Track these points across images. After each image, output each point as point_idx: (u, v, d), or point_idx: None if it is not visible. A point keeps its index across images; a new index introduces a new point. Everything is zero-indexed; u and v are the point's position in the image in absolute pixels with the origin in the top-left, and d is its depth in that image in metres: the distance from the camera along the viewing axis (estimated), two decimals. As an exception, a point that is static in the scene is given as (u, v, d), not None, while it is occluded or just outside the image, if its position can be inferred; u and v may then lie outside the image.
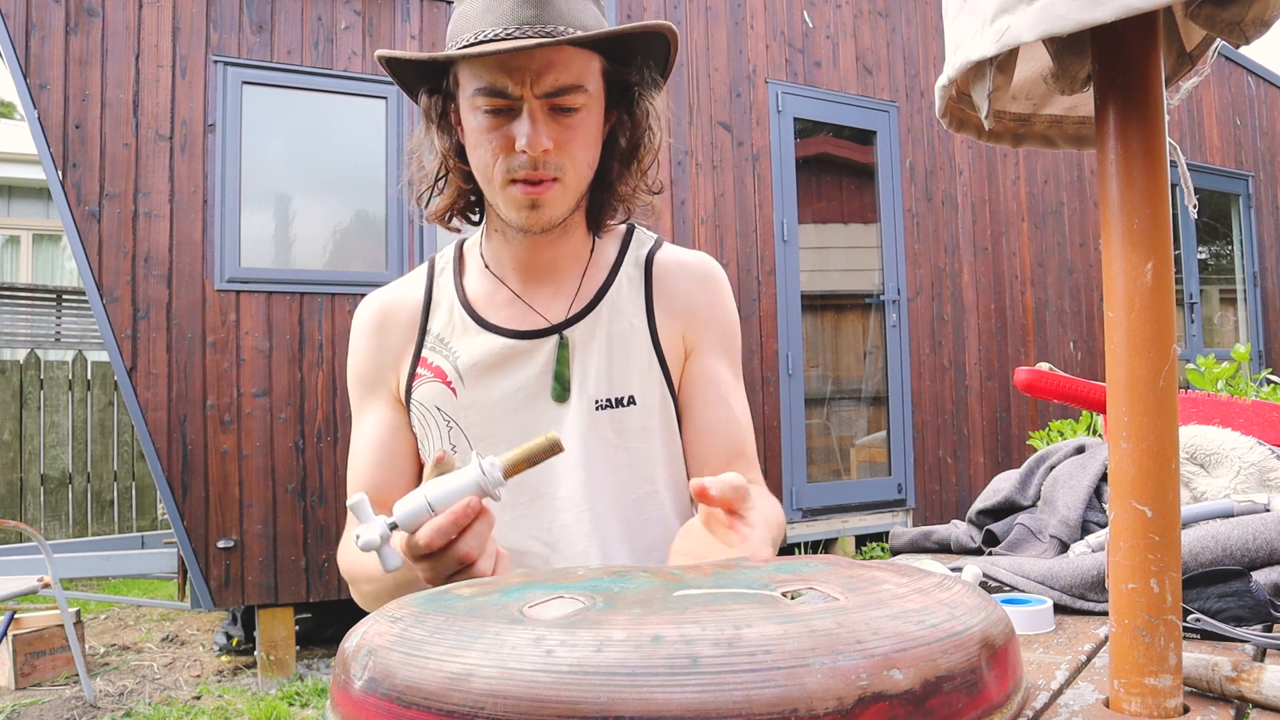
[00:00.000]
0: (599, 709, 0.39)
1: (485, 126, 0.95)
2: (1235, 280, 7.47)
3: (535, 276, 1.06)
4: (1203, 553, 0.81)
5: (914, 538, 1.23)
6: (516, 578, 0.58)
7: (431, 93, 1.02)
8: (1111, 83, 0.54)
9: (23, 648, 3.69)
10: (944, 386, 5.61)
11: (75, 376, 6.39)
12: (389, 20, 4.21)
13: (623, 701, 0.39)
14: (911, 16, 5.73)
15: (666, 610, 0.44)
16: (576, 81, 0.94)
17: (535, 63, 0.92)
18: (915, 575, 0.53)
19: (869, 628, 0.42)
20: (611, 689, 0.39)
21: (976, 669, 0.44)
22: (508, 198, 0.97)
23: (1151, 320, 0.52)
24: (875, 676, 0.40)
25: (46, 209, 8.67)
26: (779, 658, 0.40)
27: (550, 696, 0.39)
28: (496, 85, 0.93)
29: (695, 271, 1.10)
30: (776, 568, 0.56)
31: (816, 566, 0.55)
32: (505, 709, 0.40)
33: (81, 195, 3.58)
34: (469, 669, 0.41)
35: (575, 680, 0.40)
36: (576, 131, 0.96)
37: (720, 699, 0.38)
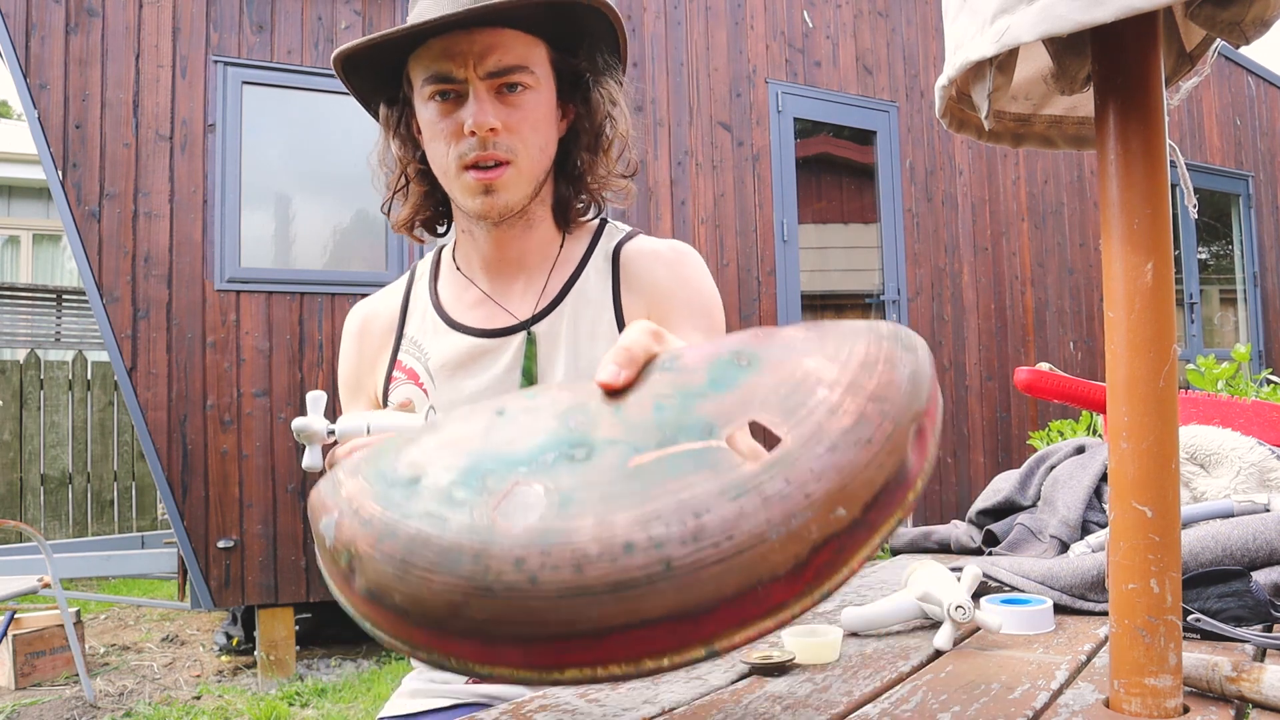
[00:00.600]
0: (593, 623, 0.42)
1: (436, 116, 0.97)
2: (1235, 280, 7.47)
3: (503, 274, 1.06)
4: (1203, 553, 0.81)
5: (914, 538, 1.24)
6: (466, 430, 0.54)
7: (390, 103, 1.05)
8: (1111, 83, 0.54)
9: (23, 648, 3.69)
10: (944, 386, 5.61)
11: (75, 376, 6.39)
12: (389, 20, 4.21)
13: (612, 614, 0.42)
14: (911, 16, 5.73)
15: (627, 500, 0.45)
16: (520, 63, 0.96)
17: (477, 45, 0.94)
18: (841, 349, 0.51)
19: (813, 473, 0.45)
20: (599, 605, 0.43)
21: (904, 462, 0.47)
22: (462, 184, 0.97)
23: (1151, 320, 0.52)
24: (824, 523, 0.44)
25: (46, 209, 8.67)
26: (741, 541, 0.43)
27: (547, 618, 0.43)
28: (441, 71, 0.95)
29: (664, 257, 1.08)
30: (711, 381, 0.53)
31: (747, 368, 0.53)
32: (508, 631, 0.43)
33: (81, 195, 3.58)
34: (464, 599, 0.44)
35: (567, 603, 0.43)
36: (525, 113, 0.97)
37: (696, 595, 0.43)
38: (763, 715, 0.59)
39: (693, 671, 0.70)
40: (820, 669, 0.69)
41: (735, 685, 0.66)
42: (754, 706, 0.61)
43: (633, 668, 0.44)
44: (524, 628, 0.43)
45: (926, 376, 0.51)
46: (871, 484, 0.46)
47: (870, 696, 0.62)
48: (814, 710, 0.59)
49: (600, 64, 1.03)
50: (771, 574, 0.43)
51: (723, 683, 0.67)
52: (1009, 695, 0.61)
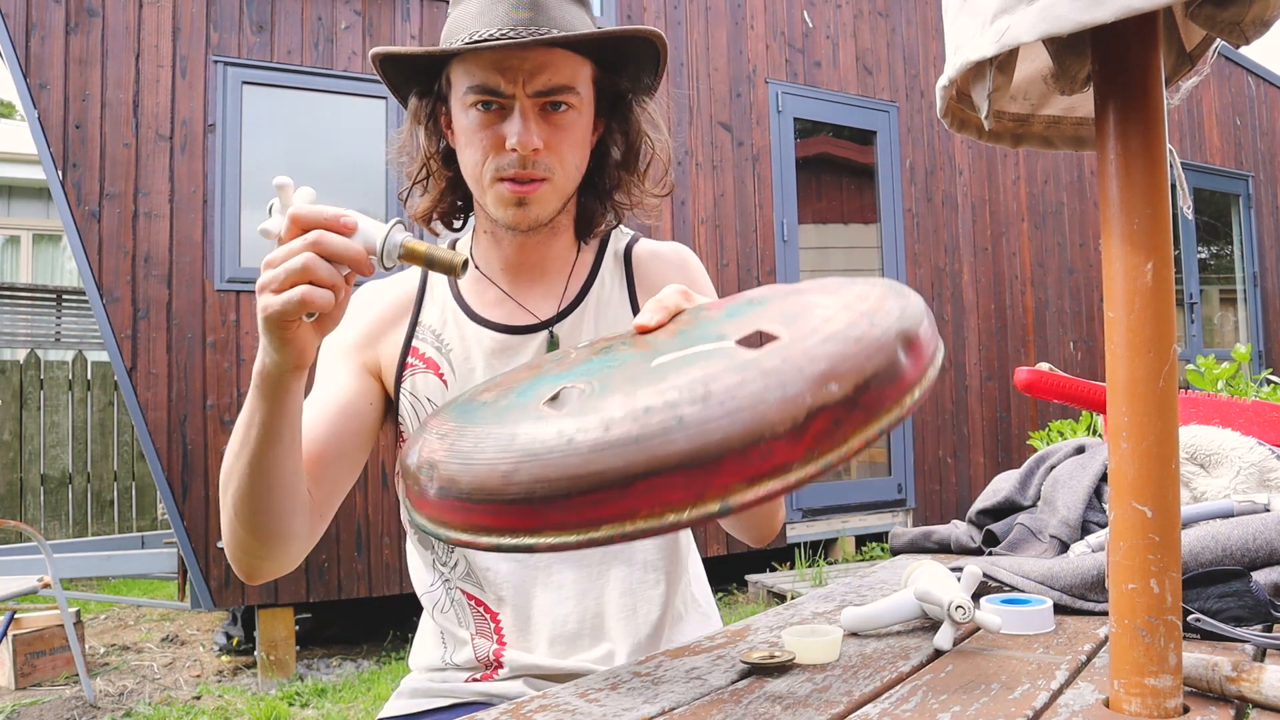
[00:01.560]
0: (620, 472, 0.51)
1: (477, 125, 0.97)
2: (1235, 280, 7.47)
3: (524, 278, 1.07)
4: (1203, 553, 0.81)
5: (914, 538, 1.24)
6: (524, 374, 0.70)
7: (422, 95, 1.04)
8: (1111, 83, 0.54)
9: (23, 648, 3.69)
10: (944, 386, 5.61)
11: (75, 376, 6.39)
12: (389, 20, 4.21)
13: (635, 463, 0.51)
14: (911, 16, 5.73)
15: (649, 383, 0.55)
16: (568, 83, 0.96)
17: (528, 63, 0.94)
18: (842, 291, 0.62)
19: (806, 354, 0.53)
20: (624, 456, 0.51)
21: (895, 362, 0.55)
22: (496, 195, 0.98)
23: (1151, 320, 0.53)
24: (817, 394, 0.52)
25: (46, 209, 8.67)
26: (743, 401, 0.51)
27: (581, 471, 0.52)
28: (489, 84, 0.95)
29: (671, 259, 1.13)
30: (727, 313, 0.66)
31: (757, 305, 0.65)
32: (550, 489, 0.52)
33: (81, 195, 3.58)
34: (514, 466, 0.54)
35: (597, 456, 0.51)
36: (567, 133, 0.97)
37: (705, 445, 0.50)
38: (763, 715, 0.59)
39: (693, 671, 0.71)
40: (820, 669, 0.69)
41: (735, 685, 0.66)
42: (754, 706, 0.61)
43: (656, 521, 0.51)
44: (563, 484, 0.52)
45: (917, 309, 0.60)
46: (861, 370, 0.53)
47: (870, 696, 0.62)
48: (814, 710, 0.59)
49: (642, 85, 1.05)
50: (772, 432, 0.51)
51: (723, 683, 0.67)
52: (1009, 695, 0.61)
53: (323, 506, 0.95)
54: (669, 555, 1.08)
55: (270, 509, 0.85)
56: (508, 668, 1.01)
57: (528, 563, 1.03)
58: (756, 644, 0.78)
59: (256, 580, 0.92)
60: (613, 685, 0.68)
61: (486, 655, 1.02)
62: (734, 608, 4.55)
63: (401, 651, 4.02)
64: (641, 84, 1.04)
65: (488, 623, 1.03)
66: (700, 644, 0.79)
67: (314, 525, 0.93)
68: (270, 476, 0.83)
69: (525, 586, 1.02)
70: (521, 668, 1.01)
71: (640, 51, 1.01)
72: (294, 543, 0.89)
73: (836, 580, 3.66)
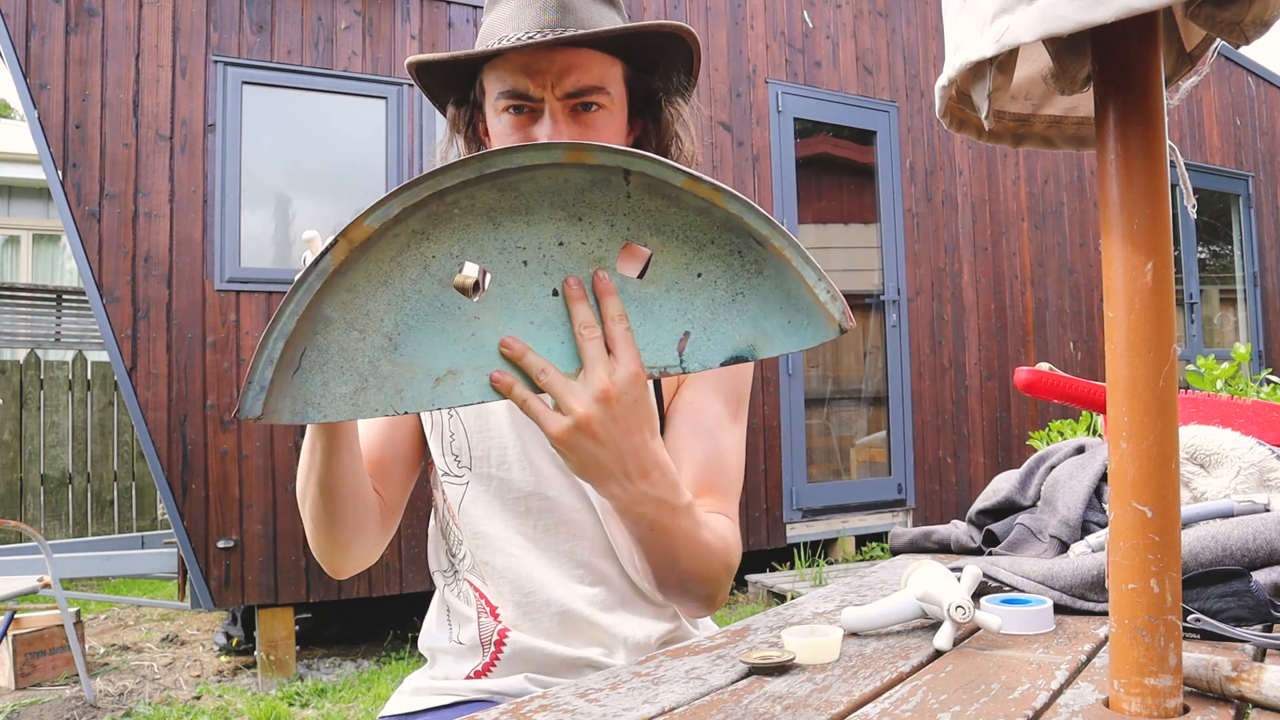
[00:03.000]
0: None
1: (508, 129, 0.98)
2: (1235, 280, 7.47)
3: None
4: (1203, 553, 0.81)
5: (914, 538, 1.24)
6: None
7: (459, 104, 1.05)
8: (1111, 83, 0.54)
9: (23, 648, 3.69)
10: (944, 386, 5.61)
11: (75, 376, 6.39)
12: (389, 20, 4.21)
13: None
14: (911, 16, 5.73)
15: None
16: (597, 84, 0.96)
17: (556, 65, 0.94)
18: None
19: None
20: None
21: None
22: None
23: (1151, 320, 0.52)
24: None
25: (46, 209, 8.67)
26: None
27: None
28: (519, 88, 0.95)
29: None
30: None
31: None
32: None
33: (81, 195, 3.58)
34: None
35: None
36: (598, 133, 0.98)
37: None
38: (763, 715, 0.59)
39: (693, 671, 0.71)
40: (820, 669, 0.69)
41: (735, 685, 0.66)
42: (754, 706, 0.61)
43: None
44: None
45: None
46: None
47: (870, 696, 0.62)
48: (814, 710, 0.59)
49: (674, 84, 1.04)
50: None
51: (723, 683, 0.67)
52: (1009, 695, 0.61)
53: (394, 505, 1.05)
54: None
55: (343, 517, 0.94)
56: (510, 647, 1.01)
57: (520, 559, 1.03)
58: (756, 644, 0.78)
59: (343, 575, 1.02)
60: (613, 685, 0.68)
61: (492, 634, 1.03)
62: (734, 608, 4.55)
63: (401, 651, 4.02)
64: (674, 83, 1.04)
65: (487, 612, 1.04)
66: (700, 644, 0.79)
67: (387, 523, 1.03)
68: (338, 492, 0.91)
69: (522, 582, 1.02)
70: (524, 650, 1.01)
71: (671, 50, 1.00)
72: (370, 541, 0.99)
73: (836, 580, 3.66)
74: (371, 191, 4.16)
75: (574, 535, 1.03)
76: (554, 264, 0.72)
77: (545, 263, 0.71)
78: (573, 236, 0.71)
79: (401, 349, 0.70)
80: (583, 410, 0.72)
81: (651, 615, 1.05)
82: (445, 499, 1.07)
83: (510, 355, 0.71)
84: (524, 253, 0.71)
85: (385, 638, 4.25)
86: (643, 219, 0.71)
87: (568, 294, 0.72)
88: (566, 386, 0.72)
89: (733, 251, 0.72)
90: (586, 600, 1.02)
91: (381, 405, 0.71)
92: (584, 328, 0.71)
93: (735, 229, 0.72)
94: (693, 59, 1.02)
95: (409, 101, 4.20)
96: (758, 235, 0.70)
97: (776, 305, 0.73)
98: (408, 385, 0.71)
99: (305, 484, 0.93)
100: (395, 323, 0.70)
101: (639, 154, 0.68)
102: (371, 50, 4.16)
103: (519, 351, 0.71)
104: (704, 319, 0.73)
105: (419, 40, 4.26)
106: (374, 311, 0.69)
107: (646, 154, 0.68)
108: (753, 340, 0.74)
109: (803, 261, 0.71)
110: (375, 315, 0.69)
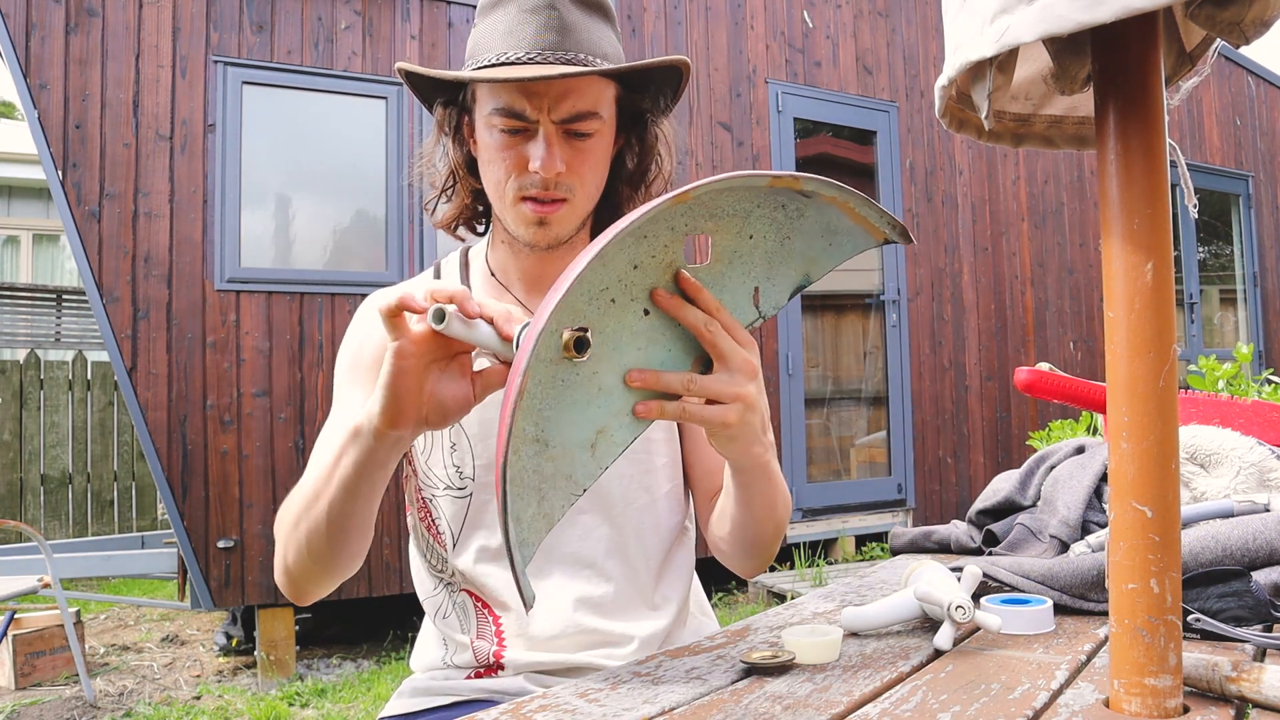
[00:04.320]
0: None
1: (500, 145, 0.98)
2: (1235, 280, 7.47)
3: (539, 288, 1.08)
4: (1203, 553, 0.81)
5: (914, 538, 1.24)
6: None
7: (447, 104, 1.05)
8: (1111, 83, 0.54)
9: (23, 648, 3.69)
10: (944, 386, 5.61)
11: (75, 376, 6.39)
12: (389, 20, 4.21)
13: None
14: (911, 16, 5.73)
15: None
16: (592, 108, 0.97)
17: (554, 89, 0.95)
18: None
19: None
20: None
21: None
22: (517, 214, 0.99)
23: (1151, 320, 0.52)
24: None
25: (46, 209, 8.67)
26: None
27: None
28: (514, 108, 0.95)
29: None
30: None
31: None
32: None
33: (81, 195, 3.58)
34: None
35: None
36: (588, 155, 0.99)
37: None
38: (763, 715, 0.59)
39: (693, 671, 0.71)
40: (820, 669, 0.69)
41: (735, 685, 0.66)
42: (754, 706, 0.61)
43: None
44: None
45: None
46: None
47: (870, 696, 0.62)
48: (814, 710, 0.59)
49: (661, 105, 1.06)
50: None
51: (723, 683, 0.67)
52: (1009, 695, 0.61)
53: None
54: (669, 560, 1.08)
55: (351, 545, 0.90)
56: (509, 669, 1.01)
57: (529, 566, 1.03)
58: (756, 644, 0.78)
59: (307, 601, 0.98)
60: (613, 685, 0.68)
61: (486, 657, 1.02)
62: (734, 608, 4.55)
63: (401, 652, 4.02)
64: (660, 104, 1.06)
65: (489, 624, 1.03)
66: (700, 644, 0.79)
67: (366, 545, 0.98)
68: (357, 518, 0.87)
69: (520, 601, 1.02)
70: (523, 665, 1.01)
71: (664, 74, 1.02)
72: (353, 566, 0.94)
73: (836, 580, 3.66)
74: (371, 191, 4.17)
75: (581, 536, 1.03)
76: (635, 288, 0.73)
77: (629, 290, 0.73)
78: (643, 255, 0.72)
79: (551, 443, 0.70)
80: (748, 391, 0.76)
81: (652, 615, 1.05)
82: (432, 516, 1.06)
83: (645, 386, 0.73)
84: (608, 292, 0.71)
85: (385, 638, 4.25)
86: (697, 210, 0.73)
87: (666, 306, 0.74)
88: (723, 380, 0.76)
89: (777, 207, 0.77)
90: (591, 604, 1.02)
91: (563, 501, 0.71)
92: (704, 326, 0.75)
93: (777, 190, 0.76)
94: (680, 83, 1.04)
95: (409, 102, 4.20)
96: (808, 192, 0.76)
97: (818, 235, 0.80)
98: (573, 468, 0.71)
99: (320, 507, 0.88)
100: (535, 424, 0.69)
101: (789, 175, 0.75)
102: (371, 50, 4.15)
103: (652, 380, 0.74)
104: (764, 271, 0.80)
105: (419, 40, 4.26)
106: (517, 429, 0.68)
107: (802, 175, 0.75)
108: (805, 270, 0.81)
109: (863, 204, 0.78)
110: (519, 431, 0.68)
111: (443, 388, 0.76)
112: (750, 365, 0.78)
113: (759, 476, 0.88)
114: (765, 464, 0.87)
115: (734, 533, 0.97)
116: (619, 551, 1.03)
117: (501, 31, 0.96)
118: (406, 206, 4.17)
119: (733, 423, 0.76)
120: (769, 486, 0.90)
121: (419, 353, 0.74)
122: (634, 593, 1.04)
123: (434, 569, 1.08)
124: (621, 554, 1.04)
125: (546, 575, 1.02)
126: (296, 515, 0.91)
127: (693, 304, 0.75)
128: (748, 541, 0.97)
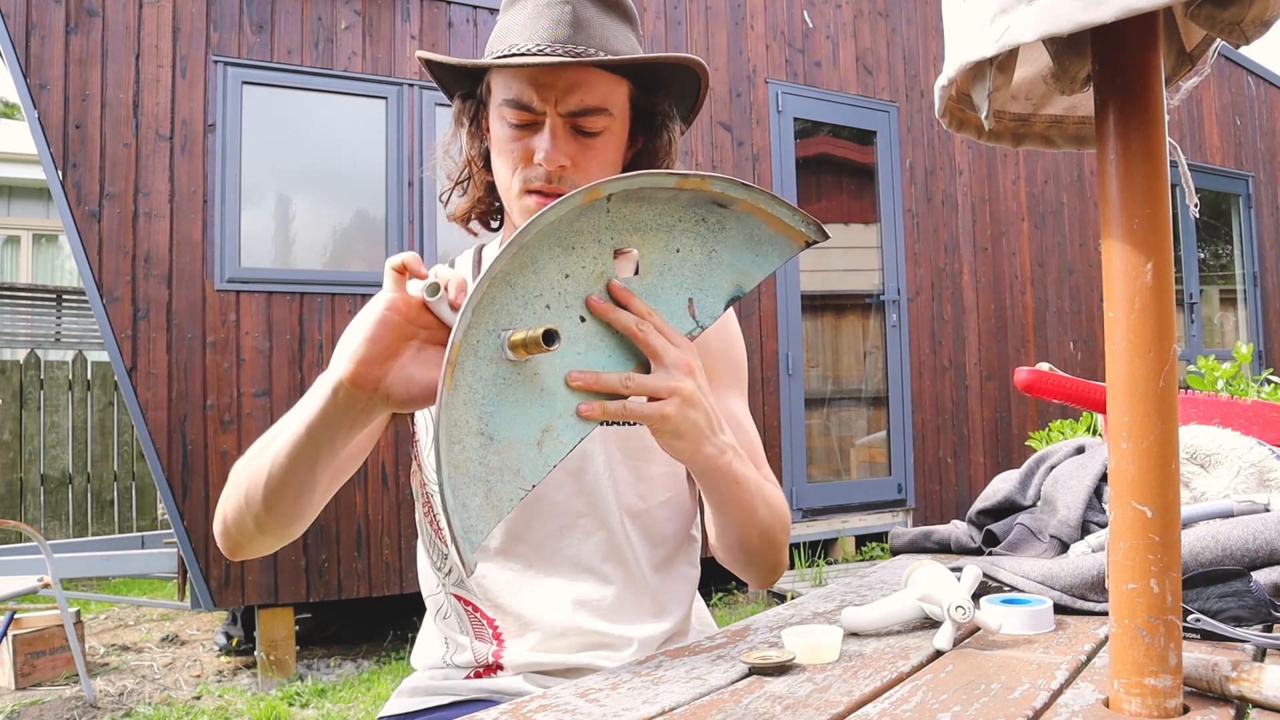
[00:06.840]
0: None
1: (509, 137, 0.99)
2: (1235, 280, 7.47)
3: None
4: (1203, 553, 0.81)
5: (914, 538, 1.24)
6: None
7: (465, 97, 1.06)
8: (1111, 83, 0.54)
9: (23, 648, 3.69)
10: (944, 386, 5.61)
11: (75, 376, 6.39)
12: (389, 20, 4.21)
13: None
14: (911, 16, 5.73)
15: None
16: (601, 104, 0.97)
17: (562, 81, 0.95)
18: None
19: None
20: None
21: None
22: (522, 206, 1.00)
23: (1151, 320, 0.52)
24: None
25: (46, 209, 8.67)
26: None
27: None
28: (522, 99, 0.96)
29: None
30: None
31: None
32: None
33: (81, 195, 3.58)
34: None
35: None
36: (596, 152, 0.99)
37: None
38: (763, 715, 0.59)
39: (693, 671, 0.71)
40: (820, 669, 0.69)
41: (735, 685, 0.66)
42: (754, 706, 0.61)
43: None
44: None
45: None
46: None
47: (870, 696, 0.62)
48: (814, 710, 0.59)
49: (681, 111, 1.07)
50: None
51: (723, 683, 0.67)
52: (1009, 695, 0.61)
53: (328, 494, 0.98)
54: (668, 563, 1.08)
55: (282, 497, 0.87)
56: (508, 669, 1.01)
57: (522, 571, 1.03)
58: (756, 644, 0.78)
59: (239, 557, 0.96)
60: (613, 685, 0.68)
61: (486, 657, 1.02)
62: (734, 608, 4.55)
63: (401, 652, 4.02)
64: (680, 109, 1.06)
65: (485, 628, 1.03)
66: (700, 644, 0.79)
67: (318, 511, 0.96)
68: (327, 466, 0.86)
69: (521, 594, 1.02)
70: (522, 666, 1.01)
71: (679, 76, 1.02)
72: (302, 525, 0.93)
73: (836, 580, 3.66)
74: (371, 191, 4.17)
75: (579, 539, 1.03)
76: (569, 295, 0.77)
77: (563, 298, 0.77)
78: (573, 265, 0.77)
79: (496, 437, 0.73)
80: (682, 385, 0.79)
81: (652, 616, 1.05)
82: (435, 510, 1.06)
83: (585, 386, 0.76)
84: (542, 299, 0.76)
85: (385, 638, 4.25)
86: (621, 225, 0.79)
87: (598, 310, 0.77)
88: (659, 377, 0.78)
89: (698, 221, 0.82)
90: (589, 606, 1.02)
91: (511, 494, 0.74)
92: (635, 326, 0.78)
93: (695, 203, 0.81)
94: (700, 88, 1.03)
95: (409, 101, 4.20)
96: (723, 200, 0.81)
97: (743, 247, 0.84)
98: (519, 463, 0.74)
99: (267, 454, 0.86)
100: (478, 417, 0.72)
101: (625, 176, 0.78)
102: (371, 50, 4.16)
103: (591, 380, 0.76)
104: (696, 283, 0.84)
105: (419, 40, 4.26)
106: (459, 420, 0.71)
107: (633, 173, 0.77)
108: (737, 281, 0.85)
109: (772, 202, 0.82)
110: (461, 422, 0.71)
111: (414, 367, 0.78)
112: (685, 362, 0.79)
113: (721, 480, 0.87)
114: (722, 466, 0.86)
115: (718, 539, 0.98)
116: (615, 556, 1.03)
117: (518, 25, 0.97)
118: (407, 207, 4.17)
119: (671, 415, 0.78)
120: (739, 491, 0.89)
121: (406, 313, 0.77)
122: (634, 597, 1.04)
123: (435, 565, 1.08)
124: (618, 559, 1.04)
125: (548, 576, 1.02)
126: (248, 459, 0.91)
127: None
128: (734, 548, 0.97)
